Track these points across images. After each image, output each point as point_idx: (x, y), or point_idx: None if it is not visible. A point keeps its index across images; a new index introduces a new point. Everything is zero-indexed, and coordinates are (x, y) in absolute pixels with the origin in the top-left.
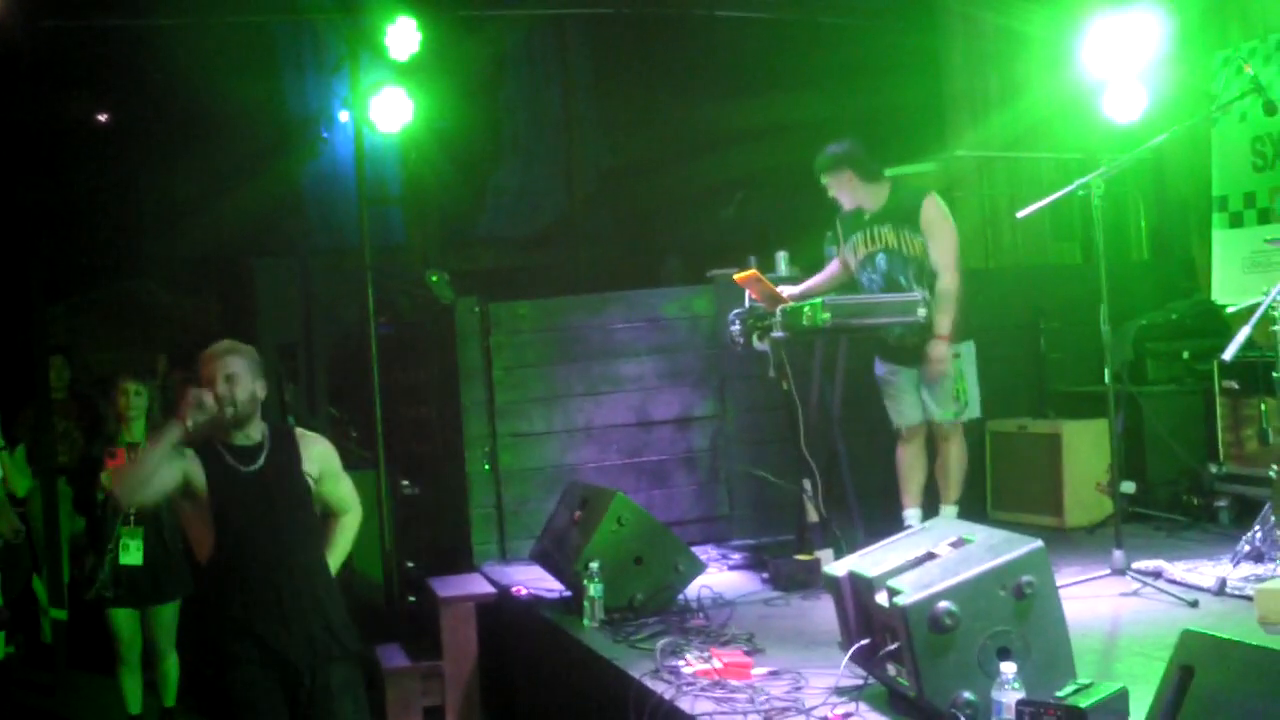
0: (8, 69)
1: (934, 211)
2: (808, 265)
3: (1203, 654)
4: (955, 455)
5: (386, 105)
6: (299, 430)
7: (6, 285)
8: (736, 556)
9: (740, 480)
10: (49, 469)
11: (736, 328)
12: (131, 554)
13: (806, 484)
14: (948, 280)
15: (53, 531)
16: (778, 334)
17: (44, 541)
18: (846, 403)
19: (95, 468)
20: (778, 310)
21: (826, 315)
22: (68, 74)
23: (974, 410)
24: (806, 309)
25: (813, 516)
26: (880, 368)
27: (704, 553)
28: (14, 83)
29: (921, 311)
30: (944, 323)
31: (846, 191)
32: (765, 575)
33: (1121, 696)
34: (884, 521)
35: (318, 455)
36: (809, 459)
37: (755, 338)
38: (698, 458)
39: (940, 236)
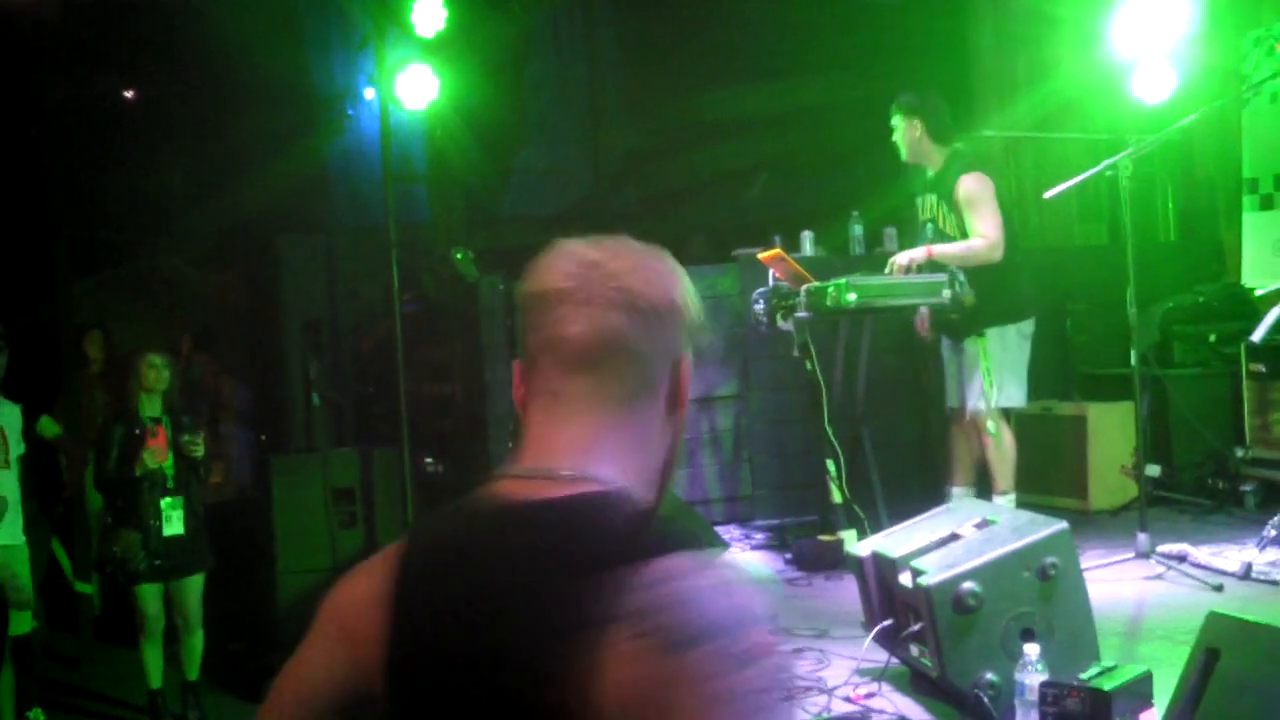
0: (38, 44)
1: (970, 185)
2: (832, 246)
3: (1228, 636)
4: (992, 445)
5: (412, 83)
6: None
7: (34, 261)
8: (759, 536)
9: (764, 460)
10: (78, 444)
11: (760, 307)
12: (174, 524)
13: (830, 465)
14: (979, 242)
15: (80, 506)
16: (802, 314)
17: (75, 516)
18: (870, 383)
19: (135, 445)
20: (802, 290)
21: (851, 296)
22: (96, 49)
23: (1009, 399)
24: (831, 289)
25: (836, 497)
26: (943, 344)
27: (727, 532)
28: (44, 58)
29: (946, 293)
30: (941, 248)
31: (910, 142)
32: (788, 555)
33: (1145, 679)
34: (907, 503)
35: None
36: (832, 439)
37: (779, 317)
38: (721, 437)
39: (977, 207)
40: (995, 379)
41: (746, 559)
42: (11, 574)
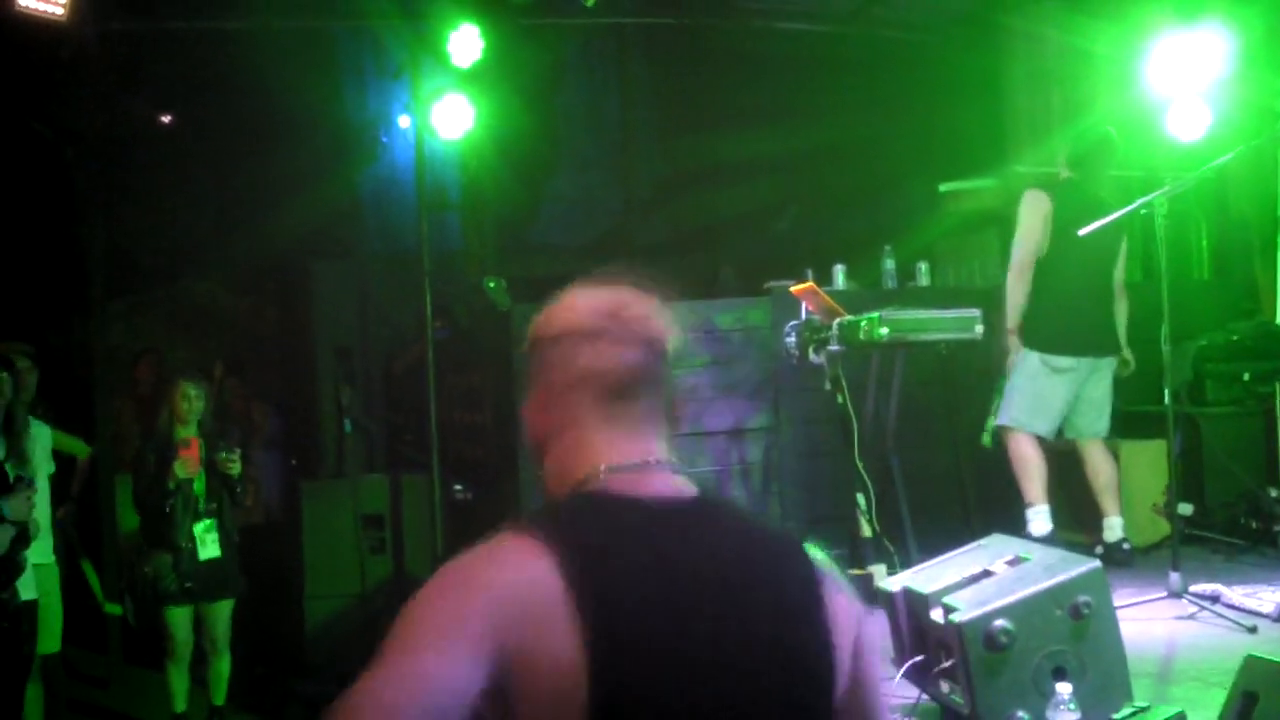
0: (75, 70)
1: (1020, 202)
2: (865, 280)
3: (1267, 680)
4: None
5: (448, 112)
6: None
7: (68, 284)
8: None
9: (793, 493)
10: (108, 466)
11: (792, 340)
12: (209, 548)
13: (860, 498)
14: (1009, 269)
15: (111, 528)
16: (834, 347)
17: (105, 537)
18: (902, 417)
19: (166, 458)
20: (834, 323)
21: (884, 330)
22: (133, 76)
23: (1011, 419)
24: (863, 323)
25: (865, 531)
26: None
27: None
28: (80, 84)
29: (979, 328)
30: (1007, 317)
31: None
32: None
33: None
34: (936, 537)
35: None
36: (863, 473)
37: (811, 350)
38: (751, 469)
39: (1016, 225)
40: (1003, 395)
41: None
42: (43, 593)
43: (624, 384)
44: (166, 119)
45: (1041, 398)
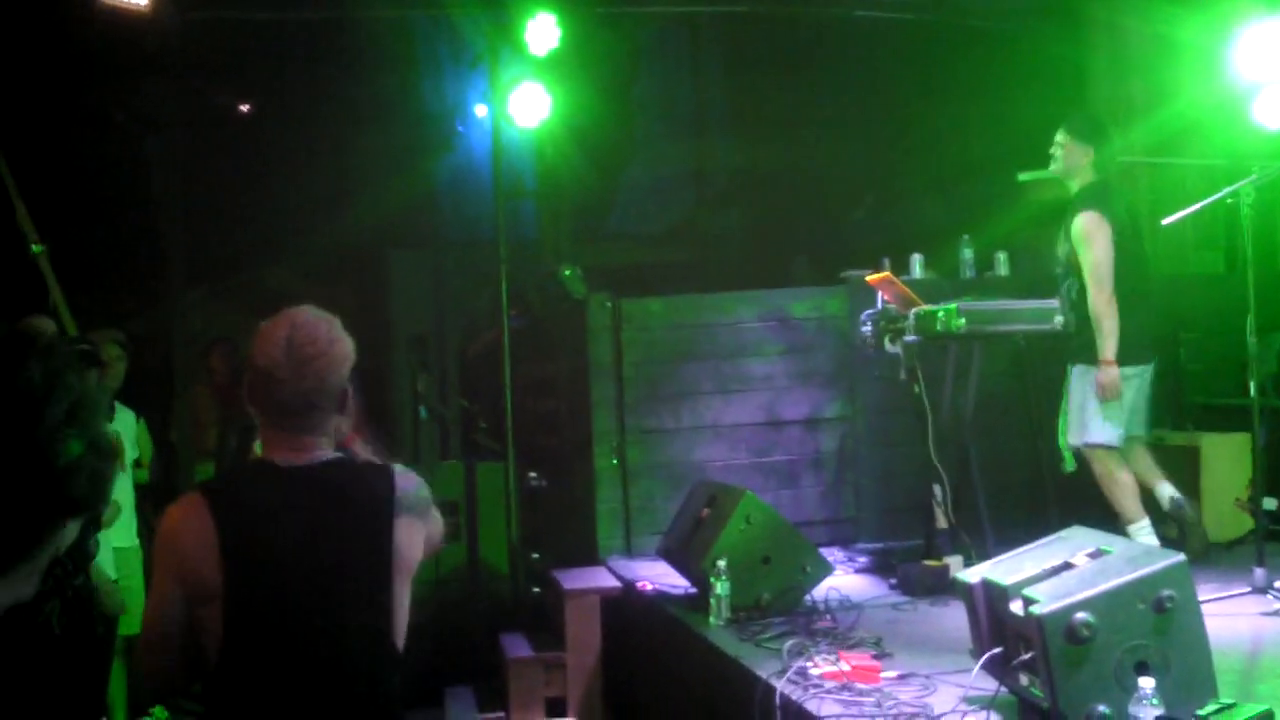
0: (157, 61)
1: (1080, 227)
2: (942, 269)
3: None
4: (1101, 479)
5: (525, 100)
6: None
7: (148, 271)
8: (863, 560)
9: (868, 483)
10: (187, 453)
11: (868, 329)
12: None
13: (936, 489)
14: (1093, 299)
15: None
16: (910, 337)
17: None
18: (978, 409)
19: (247, 439)
20: (911, 313)
21: (961, 321)
22: (213, 65)
23: (1093, 436)
24: (941, 313)
25: (941, 522)
26: None
27: (830, 555)
28: (160, 73)
29: (1058, 319)
30: (1102, 346)
31: (1060, 159)
32: (892, 580)
33: (1266, 718)
34: (1013, 529)
35: None
36: (939, 464)
37: (887, 340)
38: (825, 459)
39: (1085, 253)
40: (1068, 416)
41: None
42: (126, 575)
43: (293, 408)
44: (246, 108)
45: (1113, 408)
